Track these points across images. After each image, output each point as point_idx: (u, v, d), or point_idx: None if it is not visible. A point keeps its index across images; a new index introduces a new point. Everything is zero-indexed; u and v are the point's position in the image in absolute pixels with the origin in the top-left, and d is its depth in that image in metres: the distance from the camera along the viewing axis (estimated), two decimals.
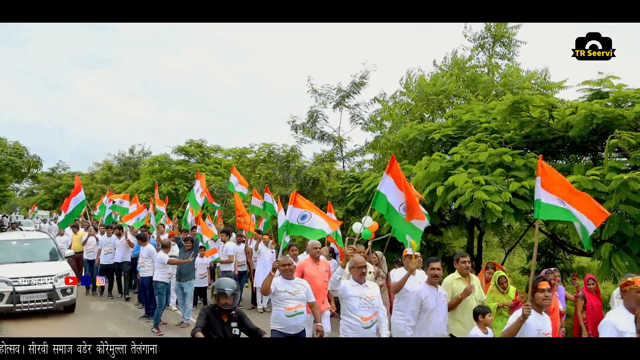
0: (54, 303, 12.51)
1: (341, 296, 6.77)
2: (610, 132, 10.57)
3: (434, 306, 7.10)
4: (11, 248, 14.38)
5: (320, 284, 8.63)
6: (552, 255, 15.10)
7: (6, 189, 42.82)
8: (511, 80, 16.07)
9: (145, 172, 32.87)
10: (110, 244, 15.72)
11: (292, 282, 7.17)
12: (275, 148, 19.69)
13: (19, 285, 12.27)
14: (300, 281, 7.38)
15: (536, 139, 12.35)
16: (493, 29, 17.78)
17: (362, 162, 20.50)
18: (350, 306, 6.62)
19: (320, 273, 8.82)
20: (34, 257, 14.00)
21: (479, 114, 13.48)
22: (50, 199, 64.05)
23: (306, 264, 8.88)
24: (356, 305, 6.61)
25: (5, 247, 14.37)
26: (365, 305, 6.62)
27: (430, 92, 16.88)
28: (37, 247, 14.58)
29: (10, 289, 12.16)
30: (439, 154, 12.35)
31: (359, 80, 19.50)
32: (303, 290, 7.17)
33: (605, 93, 11.51)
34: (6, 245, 14.53)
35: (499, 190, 10.35)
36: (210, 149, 32.49)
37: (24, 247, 14.55)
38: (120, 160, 47.35)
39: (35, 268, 13.11)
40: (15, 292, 12.14)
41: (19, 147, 25.27)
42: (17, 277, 12.40)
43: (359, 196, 14.99)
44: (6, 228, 30.61)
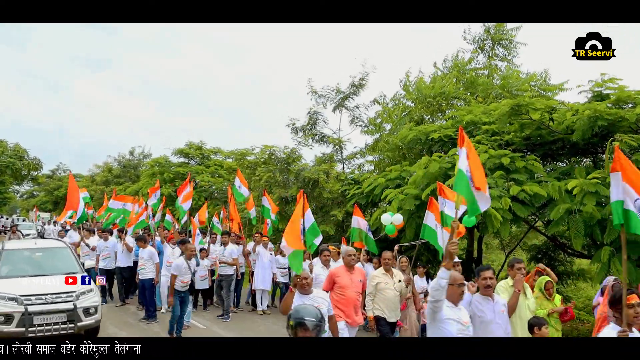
0: (75, 326, 10.10)
1: (432, 318, 5.55)
2: (611, 134, 10.57)
3: (492, 318, 6.30)
4: (22, 259, 11.80)
5: (353, 295, 8.14)
6: (552, 257, 15.10)
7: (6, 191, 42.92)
8: (510, 82, 16.07)
9: (146, 174, 32.87)
10: (107, 248, 15.42)
11: (312, 297, 6.43)
12: (276, 150, 19.68)
13: (32, 305, 9.87)
14: (319, 294, 6.69)
15: (536, 141, 12.35)
16: (492, 30, 17.79)
17: (362, 164, 20.49)
18: (447, 331, 5.43)
19: (353, 284, 8.25)
20: (49, 269, 11.35)
21: (479, 114, 13.48)
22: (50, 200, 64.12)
23: (339, 273, 8.31)
24: (454, 331, 5.47)
25: (14, 257, 11.76)
26: (462, 332, 5.51)
27: (429, 94, 16.88)
28: (53, 258, 12.01)
29: (21, 309, 9.73)
30: (439, 154, 12.35)
31: (359, 82, 19.47)
32: (324, 305, 6.41)
33: (607, 95, 11.51)
34: (16, 255, 11.90)
35: (499, 196, 10.36)
36: (210, 151, 32.48)
37: (37, 258, 11.97)
38: (120, 163, 47.42)
39: (52, 283, 10.76)
40: (27, 313, 9.68)
41: (20, 150, 25.36)
42: (29, 295, 10.02)
43: (359, 197, 14.98)
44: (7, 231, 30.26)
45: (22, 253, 12.06)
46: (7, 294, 9.95)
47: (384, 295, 8.60)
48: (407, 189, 12.35)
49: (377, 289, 8.63)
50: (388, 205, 13.18)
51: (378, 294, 8.62)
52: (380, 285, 8.63)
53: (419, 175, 12.01)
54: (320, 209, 16.87)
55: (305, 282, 6.45)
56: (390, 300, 8.63)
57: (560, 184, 10.47)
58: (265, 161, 19.84)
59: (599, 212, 9.63)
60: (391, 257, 8.91)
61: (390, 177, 14.03)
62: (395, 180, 13.82)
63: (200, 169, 29.33)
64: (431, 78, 18.55)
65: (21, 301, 9.84)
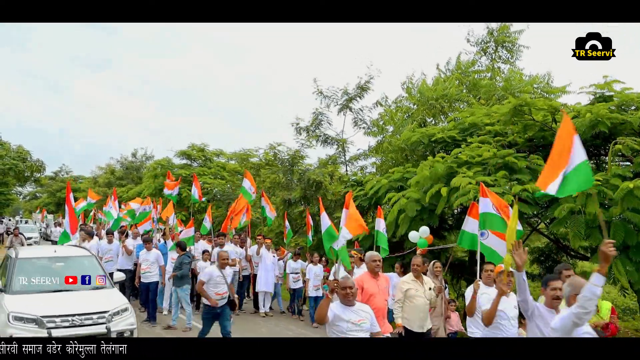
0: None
1: (569, 331, 4.76)
2: (614, 136, 10.53)
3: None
4: (40, 269, 9.72)
5: (381, 303, 7.51)
6: (555, 259, 15.08)
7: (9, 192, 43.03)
8: (513, 84, 16.04)
9: (148, 176, 32.91)
10: (111, 251, 14.97)
11: (355, 310, 5.71)
12: (280, 151, 19.71)
13: (55, 328, 8.00)
14: (362, 307, 5.91)
15: (539, 142, 12.30)
16: (496, 33, 17.76)
17: (365, 166, 20.47)
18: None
19: (380, 290, 7.63)
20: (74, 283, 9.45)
21: (481, 116, 13.44)
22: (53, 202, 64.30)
23: (365, 279, 7.65)
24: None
25: (31, 268, 9.69)
26: None
27: (432, 96, 16.87)
28: (77, 269, 9.94)
29: (43, 333, 7.81)
30: (443, 155, 12.30)
31: (364, 84, 19.49)
32: (368, 319, 5.75)
33: (609, 97, 11.47)
34: (32, 265, 9.87)
35: (502, 193, 10.32)
36: (212, 153, 32.49)
37: (58, 269, 9.89)
38: (122, 164, 47.48)
39: (78, 300, 8.88)
40: (51, 339, 7.45)
41: (22, 151, 25.42)
42: (52, 316, 8.14)
43: (362, 200, 14.97)
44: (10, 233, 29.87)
45: (39, 262, 10.13)
46: (25, 314, 8.12)
47: (413, 303, 8.01)
48: (409, 192, 12.31)
49: (406, 296, 8.05)
50: (391, 208, 13.16)
51: (407, 301, 8.04)
52: (410, 292, 8.05)
53: (424, 176, 11.97)
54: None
55: (349, 292, 5.64)
56: (420, 309, 8.02)
57: None
58: (269, 162, 19.84)
59: (604, 215, 9.60)
60: (421, 263, 8.32)
61: (393, 178, 14.02)
62: (398, 182, 13.81)
63: (203, 170, 29.34)
64: (434, 80, 18.52)
65: (43, 323, 8.02)
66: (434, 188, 11.47)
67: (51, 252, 10.74)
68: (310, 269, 13.47)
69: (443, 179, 11.64)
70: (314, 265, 13.49)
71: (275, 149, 19.95)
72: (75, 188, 59.77)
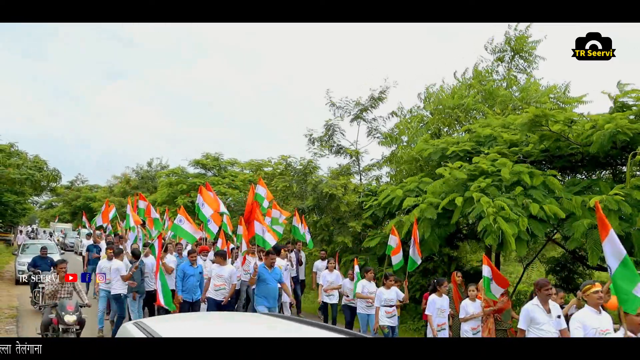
0: None
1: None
2: (631, 145, 10.39)
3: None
4: None
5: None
6: (571, 270, 14.90)
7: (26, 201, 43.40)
8: (530, 94, 15.89)
9: (163, 184, 33.05)
10: None
11: None
12: (293, 161, 19.68)
13: None
14: None
15: (555, 153, 12.16)
16: (513, 42, 17.63)
17: (380, 175, 20.35)
18: None
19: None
20: None
21: (499, 129, 13.29)
22: (69, 211, 64.76)
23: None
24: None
25: None
26: None
27: (448, 105, 16.77)
28: None
29: None
30: (460, 163, 12.16)
31: (378, 95, 19.40)
32: None
33: (629, 105, 11.33)
34: None
35: (515, 219, 10.22)
36: (227, 162, 32.61)
37: None
38: (138, 174, 47.76)
39: None
40: None
41: (39, 161, 25.57)
42: None
43: (376, 209, 14.89)
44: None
45: None
46: None
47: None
48: (428, 197, 12.22)
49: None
50: (406, 215, 13.05)
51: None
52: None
53: (440, 183, 11.95)
54: (337, 220, 16.76)
55: None
56: None
57: (582, 199, 10.36)
58: (282, 172, 19.82)
59: (619, 227, 9.48)
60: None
61: (408, 188, 13.91)
62: (413, 191, 13.70)
63: (217, 179, 29.44)
64: (451, 89, 18.42)
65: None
66: (448, 197, 11.38)
67: None
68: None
69: (459, 189, 11.56)
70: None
71: (287, 160, 19.93)
72: (89, 196, 60.21)
